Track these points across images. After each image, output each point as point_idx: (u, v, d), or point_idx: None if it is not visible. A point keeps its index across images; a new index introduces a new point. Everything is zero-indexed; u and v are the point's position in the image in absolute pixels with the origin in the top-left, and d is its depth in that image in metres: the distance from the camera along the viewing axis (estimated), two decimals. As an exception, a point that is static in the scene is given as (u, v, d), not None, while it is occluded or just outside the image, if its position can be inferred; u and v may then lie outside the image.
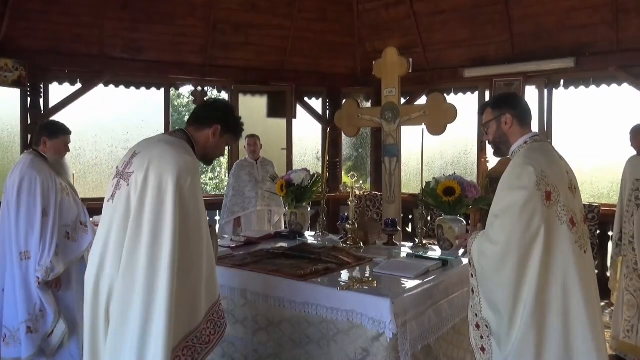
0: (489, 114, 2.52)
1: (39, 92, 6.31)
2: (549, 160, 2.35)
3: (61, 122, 3.77)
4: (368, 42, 7.52)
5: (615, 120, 6.54)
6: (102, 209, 2.32)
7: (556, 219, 2.23)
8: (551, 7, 6.02)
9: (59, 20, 6.18)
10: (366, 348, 2.52)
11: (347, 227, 3.73)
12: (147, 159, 2.17)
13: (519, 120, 2.44)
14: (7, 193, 3.55)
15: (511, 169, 2.34)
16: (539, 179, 2.23)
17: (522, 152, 2.38)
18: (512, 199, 2.25)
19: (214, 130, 2.37)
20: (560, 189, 2.28)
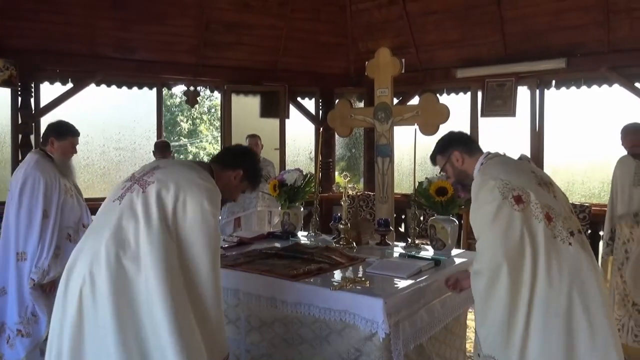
0: (440, 160, 2.62)
1: (29, 91, 6.27)
2: (507, 168, 2.39)
3: (70, 123, 3.75)
4: (361, 42, 7.53)
5: (606, 121, 6.58)
6: (102, 207, 2.32)
7: (533, 218, 2.23)
8: (543, 8, 6.05)
9: (50, 19, 6.13)
10: (359, 348, 2.52)
11: (340, 227, 3.73)
12: (175, 179, 2.21)
13: (467, 151, 2.53)
14: (10, 191, 3.56)
15: (473, 192, 2.36)
16: (501, 187, 2.25)
17: (479, 172, 2.43)
18: (482, 217, 2.26)
19: (237, 174, 2.48)
20: (528, 188, 2.28)
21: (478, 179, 2.37)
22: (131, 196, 2.20)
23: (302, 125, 8.04)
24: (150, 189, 2.19)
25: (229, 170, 2.47)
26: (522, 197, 2.23)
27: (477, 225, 2.30)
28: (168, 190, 2.17)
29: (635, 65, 5.76)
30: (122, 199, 2.22)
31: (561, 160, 7.09)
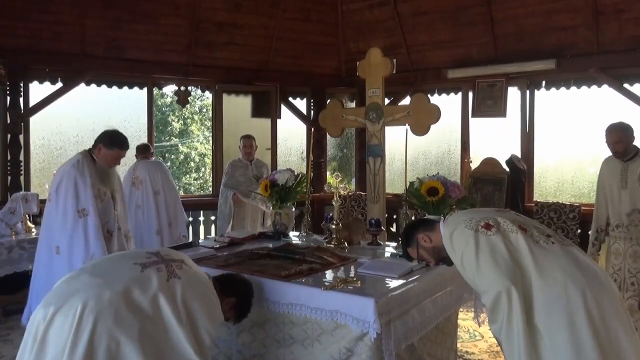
0: (412, 252, 2.60)
1: (18, 91, 6.20)
2: (464, 212, 2.54)
3: (123, 136, 3.85)
4: (352, 42, 7.54)
5: (596, 122, 6.63)
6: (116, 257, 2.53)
7: (509, 233, 2.27)
8: (533, 9, 6.10)
9: (40, 18, 6.08)
10: (350, 348, 2.52)
11: (332, 227, 3.74)
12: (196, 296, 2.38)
13: (428, 228, 2.54)
14: (50, 187, 3.80)
15: (448, 246, 2.39)
16: (468, 224, 2.31)
17: (444, 229, 2.44)
18: (468, 261, 2.27)
19: (229, 301, 2.61)
20: (491, 216, 2.36)
21: (446, 234, 2.40)
22: (156, 275, 2.33)
23: (294, 125, 8.03)
24: (175, 284, 2.34)
25: (224, 296, 2.57)
26: (490, 222, 2.30)
27: (468, 271, 2.30)
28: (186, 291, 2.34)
29: (624, 66, 5.81)
30: (144, 269, 2.34)
31: (551, 160, 7.14)
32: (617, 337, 2.13)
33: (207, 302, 2.42)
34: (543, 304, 2.15)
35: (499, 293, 2.16)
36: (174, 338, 2.24)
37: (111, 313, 2.14)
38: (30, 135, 6.40)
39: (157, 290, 2.27)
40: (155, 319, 2.23)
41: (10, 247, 4.81)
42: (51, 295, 2.27)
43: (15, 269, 4.82)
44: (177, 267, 2.41)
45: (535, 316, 2.15)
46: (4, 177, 6.19)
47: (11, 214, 4.97)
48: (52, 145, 6.74)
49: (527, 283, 2.18)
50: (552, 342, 2.12)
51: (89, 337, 2.09)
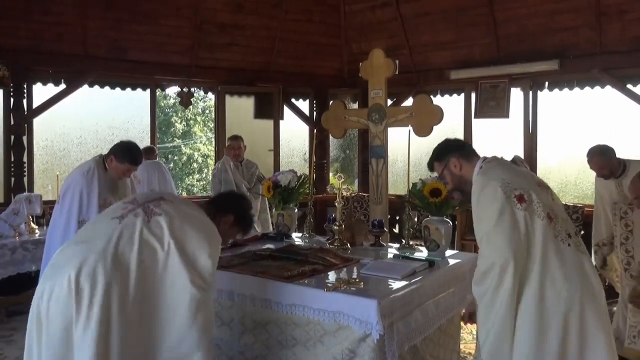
0: (437, 167, 2.62)
1: (22, 92, 6.22)
2: (507, 170, 2.40)
3: (137, 151, 3.78)
4: (354, 43, 7.54)
5: (599, 122, 6.62)
6: (95, 220, 2.40)
7: (536, 217, 2.24)
8: (535, 9, 6.09)
9: (43, 19, 6.10)
10: (353, 349, 2.52)
11: (334, 228, 3.73)
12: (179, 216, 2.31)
13: (465, 157, 2.53)
14: (60, 190, 3.84)
15: (475, 195, 2.36)
16: (504, 187, 2.26)
17: (479, 175, 2.42)
18: (486, 219, 2.26)
19: (227, 220, 2.57)
20: (530, 188, 2.30)
21: (479, 182, 2.37)
22: (134, 220, 2.27)
23: (296, 126, 8.04)
24: (158, 219, 2.27)
25: (220, 217, 2.54)
26: (524, 197, 2.25)
27: (482, 227, 2.29)
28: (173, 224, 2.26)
29: (627, 67, 5.81)
30: (123, 219, 2.28)
31: (554, 162, 7.13)
32: (587, 355, 2.16)
33: (198, 226, 2.32)
34: (533, 298, 2.17)
35: (494, 264, 2.18)
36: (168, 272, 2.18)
37: (103, 268, 2.11)
38: (34, 137, 6.42)
39: (139, 234, 2.21)
40: (145, 260, 2.18)
41: (13, 248, 4.81)
42: (45, 273, 2.26)
43: (18, 269, 4.83)
44: (155, 206, 2.32)
45: (521, 302, 2.18)
46: (7, 179, 6.21)
47: (15, 215, 4.98)
48: (55, 146, 6.77)
49: (529, 269, 2.19)
50: (521, 333, 2.17)
51: (89, 298, 2.07)
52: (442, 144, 2.68)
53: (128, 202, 2.41)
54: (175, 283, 2.19)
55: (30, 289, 5.10)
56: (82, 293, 2.08)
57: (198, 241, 2.26)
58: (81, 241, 2.30)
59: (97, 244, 2.19)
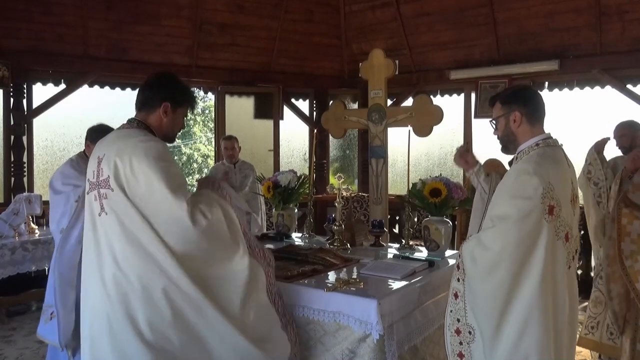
0: (498, 109, 2.39)
1: (22, 92, 6.23)
2: (558, 171, 2.23)
3: (107, 127, 3.70)
4: (355, 43, 7.54)
5: (599, 122, 6.62)
6: (87, 229, 2.28)
7: (554, 234, 2.14)
8: (535, 10, 6.09)
9: (43, 20, 6.10)
10: (353, 349, 2.52)
11: (334, 228, 3.73)
12: (114, 156, 2.15)
13: (529, 118, 2.31)
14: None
15: (516, 175, 2.20)
16: (545, 191, 2.12)
17: (532, 158, 2.23)
18: (512, 208, 2.14)
19: (164, 109, 2.32)
20: (563, 203, 2.18)
21: (528, 166, 2.18)
22: (110, 203, 2.17)
23: (296, 126, 8.04)
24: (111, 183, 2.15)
25: (156, 110, 2.32)
26: (554, 210, 2.13)
27: (503, 210, 2.17)
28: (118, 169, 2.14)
29: (627, 67, 5.81)
30: (105, 210, 2.19)
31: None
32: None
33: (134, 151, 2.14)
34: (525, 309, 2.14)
35: (499, 256, 2.14)
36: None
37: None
38: (34, 137, 6.41)
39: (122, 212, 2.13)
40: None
41: (13, 248, 4.82)
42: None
43: (18, 270, 4.83)
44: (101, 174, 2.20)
45: (512, 305, 2.15)
46: (7, 179, 6.21)
47: (14, 215, 4.97)
48: (55, 146, 6.77)
49: (522, 280, 2.14)
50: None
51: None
52: (517, 90, 2.48)
53: (89, 189, 2.28)
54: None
55: (30, 289, 5.14)
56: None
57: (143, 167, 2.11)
58: (90, 249, 2.28)
59: (105, 251, 2.18)
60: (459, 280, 2.33)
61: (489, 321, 2.20)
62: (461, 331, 2.32)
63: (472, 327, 2.28)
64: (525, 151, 2.30)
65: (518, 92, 2.43)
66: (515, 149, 2.37)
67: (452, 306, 2.37)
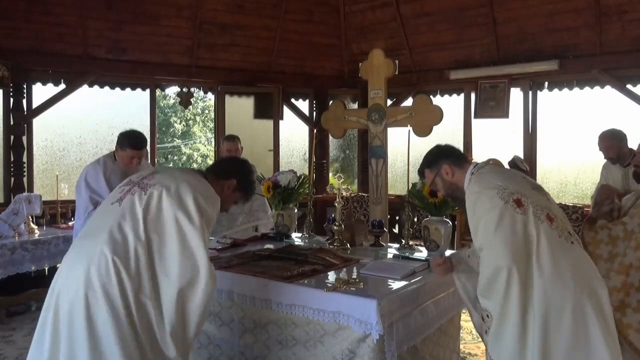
0: (428, 174, 2.61)
1: (22, 92, 6.22)
2: (501, 175, 2.38)
3: (136, 135, 3.77)
4: (354, 43, 7.54)
5: (599, 122, 6.61)
6: (99, 210, 2.46)
7: (536, 219, 2.21)
8: (535, 10, 6.09)
9: (43, 20, 6.10)
10: (353, 349, 2.52)
11: (334, 228, 3.73)
12: (176, 181, 2.34)
13: (456, 164, 2.51)
14: None
15: (472, 204, 2.33)
16: (500, 193, 2.24)
17: (472, 184, 2.39)
18: (485, 226, 2.23)
19: (229, 184, 2.57)
20: (526, 192, 2.28)
21: (474, 190, 2.34)
22: (132, 198, 2.30)
23: (296, 126, 8.04)
24: (152, 190, 2.30)
25: (222, 180, 2.55)
26: (522, 201, 2.23)
27: (480, 236, 2.26)
28: (169, 191, 2.29)
29: (627, 67, 5.81)
30: (122, 202, 2.31)
31: (554, 162, 7.12)
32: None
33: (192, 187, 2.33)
34: (545, 300, 2.14)
35: (500, 268, 2.15)
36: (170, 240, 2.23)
37: (105, 263, 2.16)
38: (34, 137, 6.41)
39: (142, 210, 2.25)
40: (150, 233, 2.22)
41: (13, 248, 4.81)
42: (59, 271, 2.31)
43: (18, 270, 4.82)
44: (149, 179, 2.36)
45: (533, 307, 2.14)
46: (7, 179, 6.21)
47: (14, 215, 4.97)
48: (55, 146, 6.76)
49: (531, 272, 2.16)
50: (546, 339, 2.13)
51: (105, 297, 2.13)
52: (433, 150, 2.67)
53: (124, 184, 2.44)
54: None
55: (30, 289, 5.13)
56: (94, 288, 2.13)
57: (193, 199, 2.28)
58: (86, 235, 2.34)
59: (101, 236, 2.22)
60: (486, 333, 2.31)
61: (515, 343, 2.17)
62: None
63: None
64: (467, 187, 2.44)
65: (436, 151, 2.64)
66: (462, 193, 2.47)
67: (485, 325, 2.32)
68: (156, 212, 2.26)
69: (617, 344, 2.21)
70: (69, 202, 5.52)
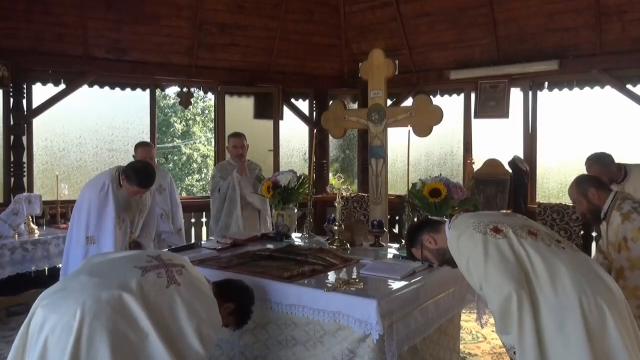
0: (416, 252, 2.62)
1: (21, 92, 6.22)
2: (472, 215, 2.48)
3: (146, 174, 3.71)
4: (354, 43, 7.54)
5: (598, 122, 6.63)
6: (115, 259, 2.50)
7: (519, 238, 2.25)
8: (535, 10, 6.09)
9: (43, 20, 6.10)
10: (352, 349, 2.52)
11: (334, 228, 3.73)
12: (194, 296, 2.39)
13: (433, 230, 2.55)
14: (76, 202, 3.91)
15: (453, 248, 2.37)
16: (476, 228, 2.29)
17: (450, 235, 2.44)
18: (475, 265, 2.25)
19: (227, 307, 2.59)
20: (499, 219, 2.36)
21: (453, 235, 2.38)
22: (156, 279, 2.33)
23: (296, 126, 8.03)
24: (173, 291, 2.33)
25: (221, 301, 2.55)
26: (499, 226, 2.29)
27: (475, 275, 2.26)
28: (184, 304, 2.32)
29: (627, 67, 5.80)
30: (146, 273, 2.34)
31: (554, 162, 7.13)
32: (613, 349, 2.10)
33: (205, 306, 2.40)
34: (553, 311, 2.11)
35: (508, 297, 2.11)
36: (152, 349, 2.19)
37: (105, 313, 2.14)
38: (33, 137, 6.41)
39: (154, 297, 2.26)
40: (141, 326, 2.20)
41: (13, 248, 4.82)
42: (49, 298, 2.26)
43: (18, 270, 4.83)
44: (177, 273, 2.40)
45: (542, 321, 2.11)
46: (7, 179, 6.20)
47: (14, 215, 4.97)
48: (55, 146, 6.76)
49: (532, 288, 2.14)
50: (566, 349, 2.09)
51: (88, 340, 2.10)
52: (409, 230, 2.74)
53: (152, 256, 2.48)
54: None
55: (30, 289, 5.14)
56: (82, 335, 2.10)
57: (202, 321, 2.35)
58: (94, 274, 2.33)
59: (112, 282, 2.26)
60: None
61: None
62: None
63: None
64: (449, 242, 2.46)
65: (410, 231, 2.71)
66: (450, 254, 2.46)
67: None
68: (169, 311, 2.28)
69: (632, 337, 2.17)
70: (69, 202, 5.51)
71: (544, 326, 2.12)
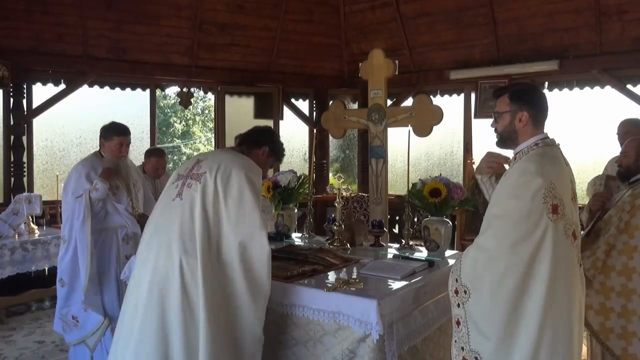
0: (505, 104, 2.31)
1: (22, 92, 6.23)
2: (558, 170, 2.20)
3: (118, 124, 3.91)
4: (354, 43, 7.54)
5: (598, 122, 6.62)
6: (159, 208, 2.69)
7: (562, 232, 2.09)
8: (535, 10, 6.09)
9: (43, 20, 6.10)
10: (353, 349, 2.52)
11: (334, 228, 3.73)
12: (218, 162, 2.60)
13: (535, 120, 2.28)
14: None
15: (518, 175, 2.16)
16: (547, 191, 2.07)
17: (533, 157, 2.20)
18: (512, 207, 2.10)
19: (263, 152, 2.89)
20: (566, 202, 2.13)
21: (530, 166, 2.14)
22: (191, 192, 2.55)
23: (296, 126, 8.03)
24: (205, 178, 2.55)
25: (256, 149, 2.85)
26: (559, 209, 2.08)
27: (501, 209, 2.13)
28: (218, 171, 2.55)
29: (627, 67, 5.81)
30: (182, 196, 2.57)
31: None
32: None
33: (238, 165, 2.58)
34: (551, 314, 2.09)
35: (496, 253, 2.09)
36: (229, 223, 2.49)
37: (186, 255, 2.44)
38: (34, 137, 6.42)
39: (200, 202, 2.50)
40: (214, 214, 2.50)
41: (13, 248, 4.82)
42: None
43: (18, 270, 4.83)
44: (197, 169, 2.60)
45: (522, 311, 2.07)
46: (7, 179, 6.21)
47: (14, 215, 4.98)
48: (55, 146, 6.76)
49: (544, 281, 2.06)
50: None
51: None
52: (528, 90, 2.37)
53: (175, 180, 2.68)
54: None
55: (30, 289, 5.13)
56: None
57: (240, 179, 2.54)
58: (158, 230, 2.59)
59: (173, 231, 2.50)
60: (459, 306, 2.23)
61: (495, 332, 2.10)
62: (467, 359, 2.22)
63: (477, 354, 2.17)
64: (524, 151, 2.27)
65: (529, 93, 2.35)
66: (513, 145, 2.33)
67: (456, 335, 2.26)
68: (214, 190, 2.51)
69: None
70: (69, 202, 5.51)
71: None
